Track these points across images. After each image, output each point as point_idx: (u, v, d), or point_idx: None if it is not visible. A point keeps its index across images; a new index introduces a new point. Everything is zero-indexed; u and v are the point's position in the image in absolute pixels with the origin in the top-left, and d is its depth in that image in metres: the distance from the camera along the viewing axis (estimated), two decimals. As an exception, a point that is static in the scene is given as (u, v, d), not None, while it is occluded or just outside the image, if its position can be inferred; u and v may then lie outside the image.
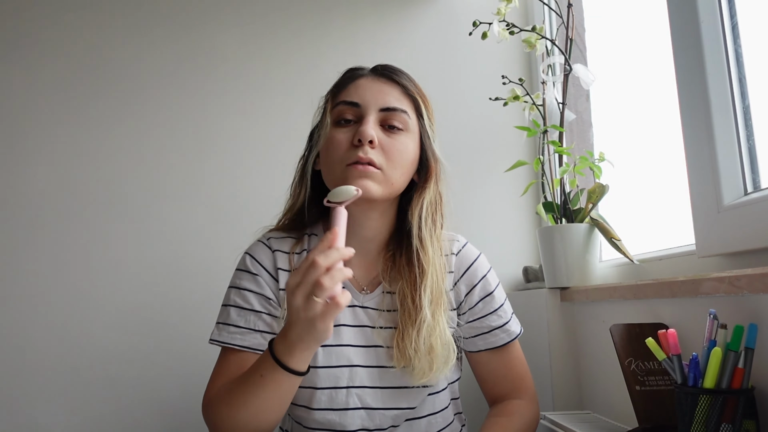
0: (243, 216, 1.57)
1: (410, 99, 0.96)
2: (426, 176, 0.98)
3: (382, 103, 0.93)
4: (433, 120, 1.00)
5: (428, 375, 0.91)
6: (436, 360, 0.91)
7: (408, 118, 0.94)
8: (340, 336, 0.96)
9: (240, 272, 0.99)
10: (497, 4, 1.41)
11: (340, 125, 0.94)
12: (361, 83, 0.95)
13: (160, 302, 1.52)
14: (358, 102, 0.93)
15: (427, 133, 0.97)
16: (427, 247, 0.94)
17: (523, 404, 1.01)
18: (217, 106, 1.62)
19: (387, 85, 0.95)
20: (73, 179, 1.53)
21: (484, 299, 1.02)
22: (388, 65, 0.99)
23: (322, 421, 0.94)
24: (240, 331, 0.94)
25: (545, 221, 1.44)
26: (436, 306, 0.93)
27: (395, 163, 0.92)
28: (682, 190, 1.06)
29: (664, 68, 1.13)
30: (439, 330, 0.92)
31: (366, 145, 0.89)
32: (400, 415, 0.96)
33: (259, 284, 0.97)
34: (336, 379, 0.94)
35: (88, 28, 1.60)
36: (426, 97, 1.00)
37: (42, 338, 1.46)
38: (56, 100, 1.55)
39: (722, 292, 0.80)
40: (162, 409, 1.48)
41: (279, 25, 1.68)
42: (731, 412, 0.72)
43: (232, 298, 0.97)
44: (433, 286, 0.93)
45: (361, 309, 0.98)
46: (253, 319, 0.95)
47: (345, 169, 0.91)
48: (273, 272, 0.98)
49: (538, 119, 1.45)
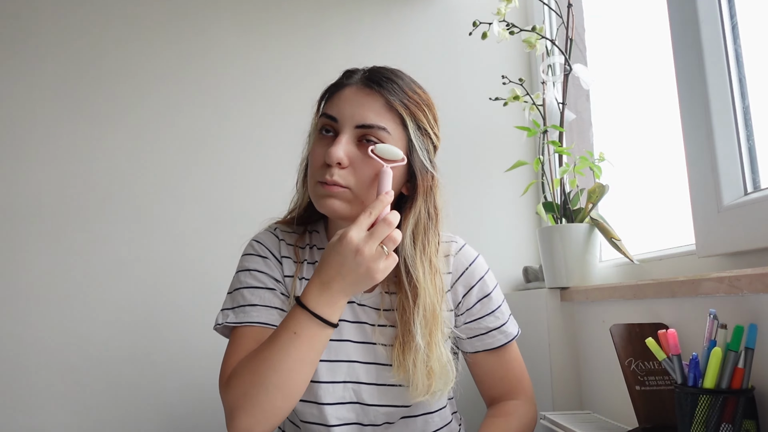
0: (243, 216, 1.57)
1: (394, 112, 0.90)
2: (414, 191, 0.92)
3: (359, 119, 0.89)
4: (429, 128, 0.94)
5: (425, 396, 0.92)
6: (435, 383, 0.91)
7: (387, 134, 0.89)
8: (341, 331, 0.96)
9: (248, 256, 0.99)
10: (497, 4, 1.41)
11: (322, 137, 0.93)
12: (344, 95, 0.92)
13: (160, 302, 1.52)
14: (336, 117, 0.91)
15: (415, 146, 0.91)
16: (417, 269, 0.91)
17: (520, 405, 1.01)
18: (216, 106, 1.62)
19: (369, 97, 0.90)
20: (73, 179, 1.53)
21: (482, 300, 1.02)
22: (378, 71, 0.95)
23: (317, 414, 0.95)
24: (256, 309, 0.92)
25: (545, 221, 1.44)
26: (432, 328, 0.92)
27: (366, 183, 0.88)
28: (682, 190, 1.06)
29: (664, 68, 1.13)
30: (437, 353, 0.92)
31: (334, 167, 0.87)
32: (395, 413, 0.96)
33: (269, 266, 0.98)
34: (334, 374, 0.94)
35: (88, 29, 1.60)
36: (420, 105, 0.93)
37: (42, 338, 1.46)
38: (56, 100, 1.55)
39: (722, 292, 0.80)
40: (162, 409, 1.48)
41: (279, 25, 1.68)
42: (731, 412, 0.72)
43: (243, 280, 0.96)
44: (426, 309, 0.91)
45: (359, 306, 0.98)
46: (269, 296, 0.94)
47: (315, 184, 0.90)
48: (279, 258, 0.99)
49: (538, 119, 1.45)
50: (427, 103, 0.95)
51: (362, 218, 0.79)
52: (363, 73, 0.95)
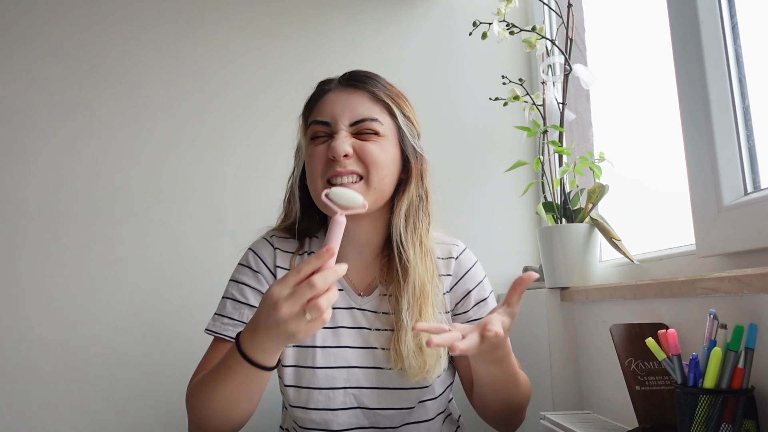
0: (242, 216, 1.57)
1: (381, 103, 0.95)
2: (408, 174, 0.97)
3: (351, 116, 0.93)
4: (412, 116, 1.00)
5: (422, 374, 0.92)
6: (428, 358, 0.92)
7: (380, 125, 0.94)
8: (339, 338, 0.97)
9: (242, 267, 1.01)
10: (497, 4, 1.41)
11: (316, 141, 0.94)
12: (330, 99, 0.95)
13: (160, 302, 1.52)
14: (328, 121, 0.93)
15: (404, 132, 0.96)
16: (408, 248, 0.94)
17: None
18: (216, 107, 1.62)
19: (354, 94, 0.95)
20: (73, 179, 1.53)
21: (479, 304, 1.03)
22: (355, 72, 0.99)
23: (318, 421, 0.95)
24: (232, 323, 0.96)
25: (545, 221, 1.44)
26: (422, 306, 0.93)
27: (375, 167, 0.91)
28: (682, 190, 1.06)
29: (664, 68, 1.13)
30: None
31: (341, 159, 0.90)
32: (395, 415, 0.96)
33: (259, 281, 0.99)
34: (333, 380, 0.95)
35: (88, 29, 1.60)
36: (400, 96, 0.99)
37: (42, 338, 1.46)
38: (56, 100, 1.55)
39: (722, 292, 0.80)
40: (162, 409, 1.48)
41: (278, 25, 1.68)
42: (731, 412, 0.72)
43: (230, 291, 1.00)
44: (416, 286, 0.94)
45: (359, 311, 0.99)
46: (247, 313, 0.96)
47: (324, 185, 0.91)
48: (273, 269, 1.00)
49: (538, 119, 1.44)
50: (403, 95, 1.01)
51: (290, 274, 0.71)
52: (341, 77, 0.99)
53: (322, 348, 0.96)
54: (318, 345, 0.96)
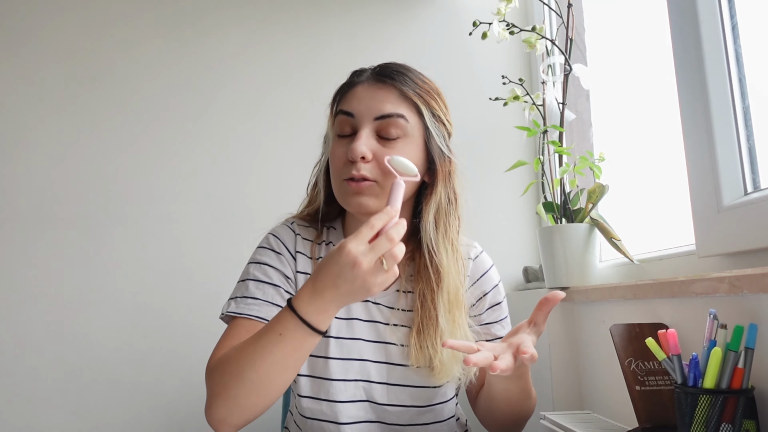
0: (243, 217, 1.57)
1: (408, 101, 0.94)
2: (434, 177, 0.96)
3: (377, 111, 0.92)
4: (442, 114, 0.98)
5: (450, 375, 0.92)
6: (454, 363, 0.92)
7: (406, 122, 0.92)
8: (353, 329, 0.97)
9: (263, 249, 1.00)
10: (497, 4, 1.41)
11: (340, 137, 0.94)
12: (358, 91, 0.95)
13: (160, 302, 1.52)
14: (352, 112, 0.93)
15: (432, 132, 0.96)
16: (441, 252, 0.94)
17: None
18: (217, 107, 1.62)
19: (383, 90, 0.94)
20: (73, 179, 1.53)
21: (493, 307, 1.03)
22: (387, 66, 0.98)
23: (327, 412, 0.95)
24: (257, 303, 0.93)
25: (545, 221, 1.44)
26: (455, 310, 0.94)
27: (390, 175, 0.90)
28: (682, 190, 1.06)
29: (664, 68, 1.13)
30: (461, 333, 0.93)
31: (358, 161, 0.89)
32: (403, 413, 0.96)
33: (282, 262, 0.98)
34: (346, 372, 0.95)
35: (88, 28, 1.60)
36: (431, 93, 0.97)
37: (42, 338, 1.46)
38: (56, 100, 1.56)
39: (722, 292, 0.80)
40: (162, 409, 1.48)
41: (279, 25, 1.68)
42: (731, 412, 0.71)
43: (252, 272, 0.97)
44: (450, 291, 0.94)
45: (374, 305, 0.99)
46: (272, 292, 0.94)
47: (341, 183, 0.92)
48: (293, 254, 1.00)
49: (538, 119, 1.44)
50: (437, 92, 0.99)
51: (363, 230, 0.75)
52: (373, 69, 0.98)
53: (336, 338, 0.95)
54: (332, 335, 0.95)
